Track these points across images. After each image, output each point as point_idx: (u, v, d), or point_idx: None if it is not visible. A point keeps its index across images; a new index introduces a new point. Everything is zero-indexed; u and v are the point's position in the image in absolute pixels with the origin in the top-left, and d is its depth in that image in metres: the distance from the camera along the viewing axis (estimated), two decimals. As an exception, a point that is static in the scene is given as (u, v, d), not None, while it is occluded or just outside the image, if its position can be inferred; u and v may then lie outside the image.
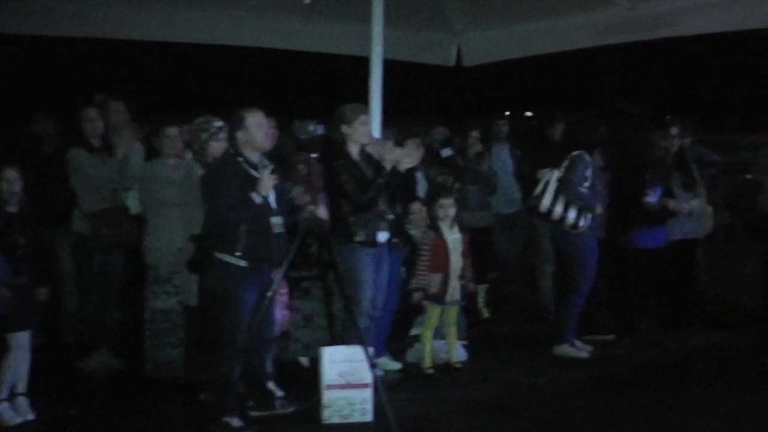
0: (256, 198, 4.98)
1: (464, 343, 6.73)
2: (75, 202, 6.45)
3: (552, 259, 7.37)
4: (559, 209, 6.51)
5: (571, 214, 6.49)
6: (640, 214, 6.82)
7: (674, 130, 6.98)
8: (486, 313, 7.95)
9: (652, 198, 6.81)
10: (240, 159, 5.13)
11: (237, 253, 5.00)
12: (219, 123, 5.83)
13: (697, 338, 6.98)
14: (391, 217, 5.90)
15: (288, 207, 5.43)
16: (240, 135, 5.14)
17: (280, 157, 6.02)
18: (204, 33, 7.81)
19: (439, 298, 6.42)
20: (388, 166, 5.65)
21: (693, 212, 6.94)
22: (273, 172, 5.05)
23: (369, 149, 6.02)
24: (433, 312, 6.42)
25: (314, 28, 8.04)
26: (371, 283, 5.81)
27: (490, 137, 8.28)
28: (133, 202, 6.39)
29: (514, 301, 8.55)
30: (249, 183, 5.02)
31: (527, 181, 7.68)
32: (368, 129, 5.91)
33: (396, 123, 7.32)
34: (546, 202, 6.56)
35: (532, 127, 10.78)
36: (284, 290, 6.08)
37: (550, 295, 7.89)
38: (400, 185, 5.96)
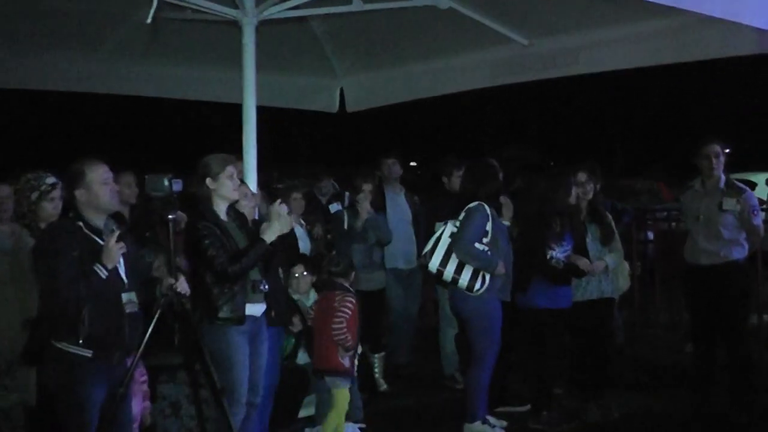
0: (101, 271, 4.17)
1: (361, 426, 5.89)
2: None
3: (454, 321, 6.62)
4: (450, 269, 5.75)
5: (465, 276, 5.73)
6: (541, 270, 6.01)
7: (583, 176, 6.28)
8: (384, 385, 7.14)
9: (557, 253, 6.00)
10: (79, 223, 4.29)
11: (79, 341, 4.13)
12: (51, 179, 5.04)
13: (619, 404, 6.28)
14: (265, 287, 5.05)
15: (142, 280, 4.60)
16: (79, 194, 4.31)
17: (137, 220, 5.38)
18: (55, 79, 7.03)
19: (350, 374, 5.67)
20: (270, 235, 4.86)
21: (608, 269, 6.22)
22: (120, 238, 4.25)
23: (244, 208, 5.23)
24: (342, 394, 5.62)
25: (185, 74, 7.43)
26: (246, 366, 4.97)
27: (381, 180, 7.56)
28: None
29: (416, 369, 7.73)
30: (92, 253, 4.20)
31: (427, 234, 7.01)
32: (237, 183, 5.11)
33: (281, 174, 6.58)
34: (435, 260, 5.80)
35: (429, 177, 10.11)
36: (143, 378, 5.12)
37: (455, 361, 7.19)
38: (276, 251, 5.12)
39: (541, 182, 6.35)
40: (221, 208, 5.01)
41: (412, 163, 18.29)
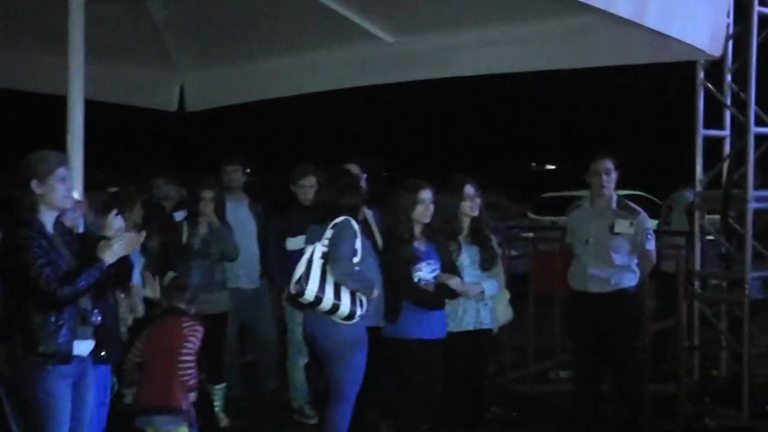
0: None
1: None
2: None
3: (305, 349, 5.88)
4: (329, 295, 4.98)
5: (345, 301, 4.99)
6: (408, 294, 5.24)
7: (470, 189, 5.51)
8: (224, 420, 6.32)
9: (425, 273, 5.25)
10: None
11: None
12: None
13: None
14: (97, 318, 4.18)
15: None
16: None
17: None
18: None
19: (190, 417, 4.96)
20: (110, 255, 4.02)
21: (484, 296, 5.45)
22: None
23: (67, 220, 4.36)
24: None
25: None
26: (66, 420, 4.02)
27: (221, 189, 6.74)
28: None
29: (263, 401, 6.93)
30: None
31: (276, 250, 6.28)
32: (70, 188, 4.20)
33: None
34: (312, 286, 5.00)
35: (276, 184, 9.33)
36: None
37: (305, 392, 6.48)
38: (111, 273, 4.21)
39: (395, 196, 5.50)
40: (47, 219, 4.09)
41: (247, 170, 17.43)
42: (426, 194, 5.29)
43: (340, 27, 5.90)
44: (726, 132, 6.32)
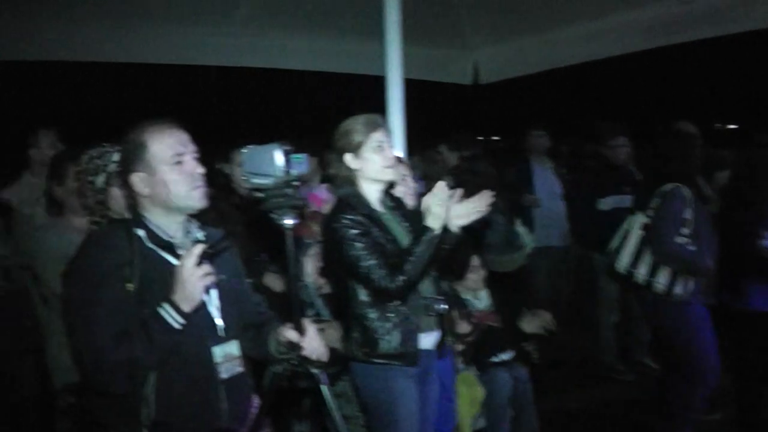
0: (172, 317, 2.62)
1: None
2: None
3: (617, 307, 5.91)
4: (642, 271, 4.79)
5: (662, 279, 4.76)
6: (751, 264, 4.75)
7: None
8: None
9: None
10: (138, 231, 2.78)
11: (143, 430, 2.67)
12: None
13: None
14: (442, 307, 3.75)
15: (251, 319, 3.06)
16: (138, 180, 2.79)
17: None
18: (194, 53, 6.55)
19: None
20: (435, 220, 3.43)
21: None
22: (209, 255, 2.66)
23: (401, 191, 4.03)
24: None
25: (321, 46, 6.92)
26: (415, 421, 3.61)
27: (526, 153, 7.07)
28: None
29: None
30: (158, 283, 2.67)
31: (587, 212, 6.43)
32: (391, 157, 3.69)
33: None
34: (624, 260, 4.87)
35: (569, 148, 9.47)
36: None
37: (613, 350, 6.64)
38: (456, 252, 3.72)
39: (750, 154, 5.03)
40: (372, 194, 3.71)
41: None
42: None
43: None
44: None
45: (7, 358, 4.47)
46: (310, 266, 4.41)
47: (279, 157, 2.71)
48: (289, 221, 2.76)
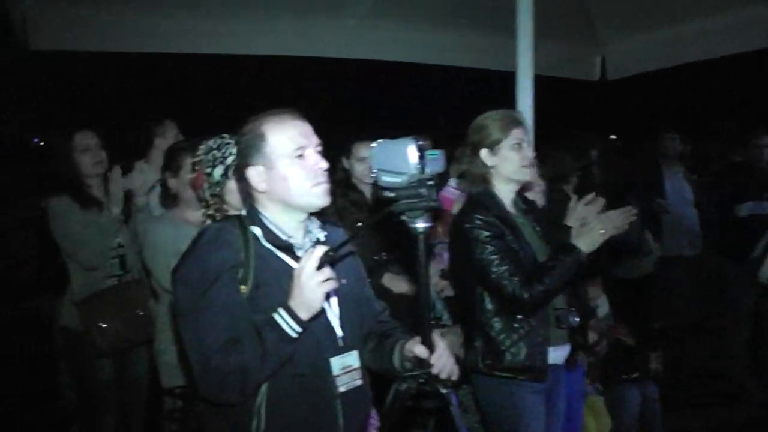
0: (289, 326, 2.43)
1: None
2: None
3: (750, 321, 5.68)
4: None
5: None
6: None
7: None
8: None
9: None
10: (254, 229, 2.60)
11: None
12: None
13: None
14: (574, 319, 3.48)
15: (373, 329, 2.85)
16: (255, 173, 2.61)
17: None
18: (308, 46, 6.45)
19: None
20: (589, 243, 3.24)
21: None
22: (331, 259, 2.43)
23: (534, 194, 3.87)
24: None
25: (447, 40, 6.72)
26: None
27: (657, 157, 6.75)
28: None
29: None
30: (275, 287, 2.51)
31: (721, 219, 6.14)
32: (529, 156, 3.49)
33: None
34: (766, 271, 4.72)
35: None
36: None
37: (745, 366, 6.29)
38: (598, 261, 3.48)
39: None
40: (506, 195, 3.52)
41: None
42: None
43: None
44: None
45: (122, 350, 4.44)
46: (432, 267, 4.24)
47: (413, 153, 2.45)
48: (421, 225, 2.51)
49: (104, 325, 4.28)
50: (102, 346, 4.30)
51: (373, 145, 2.57)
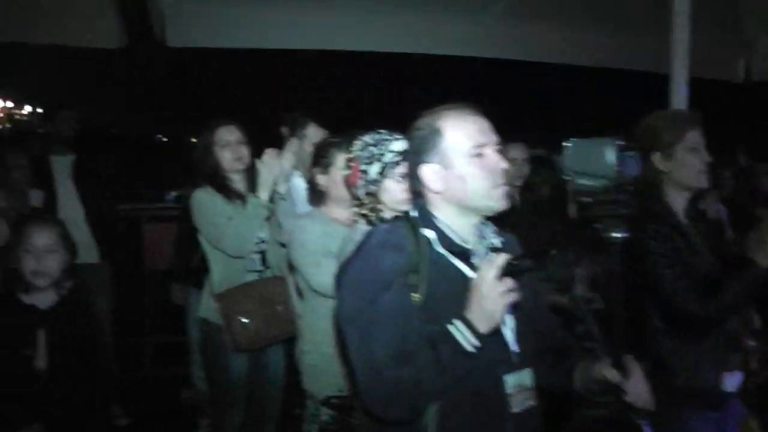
0: (466, 339, 2.22)
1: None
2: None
3: None
4: None
5: None
6: None
7: None
8: None
9: None
10: (427, 233, 2.39)
11: None
12: (401, 144, 3.12)
13: None
14: (750, 343, 3.29)
15: (550, 344, 2.61)
16: (429, 172, 2.41)
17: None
18: (438, 43, 6.34)
19: None
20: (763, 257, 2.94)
21: None
22: (516, 268, 2.25)
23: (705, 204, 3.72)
24: None
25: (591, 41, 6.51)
26: None
27: None
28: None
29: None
30: (446, 294, 2.31)
31: None
32: (707, 159, 3.21)
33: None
34: None
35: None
36: None
37: None
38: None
39: None
40: (678, 203, 3.23)
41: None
42: None
43: None
44: None
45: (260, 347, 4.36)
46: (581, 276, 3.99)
47: (611, 155, 2.29)
48: (617, 235, 2.33)
49: (245, 320, 4.17)
50: (241, 341, 4.24)
51: (568, 144, 2.39)
